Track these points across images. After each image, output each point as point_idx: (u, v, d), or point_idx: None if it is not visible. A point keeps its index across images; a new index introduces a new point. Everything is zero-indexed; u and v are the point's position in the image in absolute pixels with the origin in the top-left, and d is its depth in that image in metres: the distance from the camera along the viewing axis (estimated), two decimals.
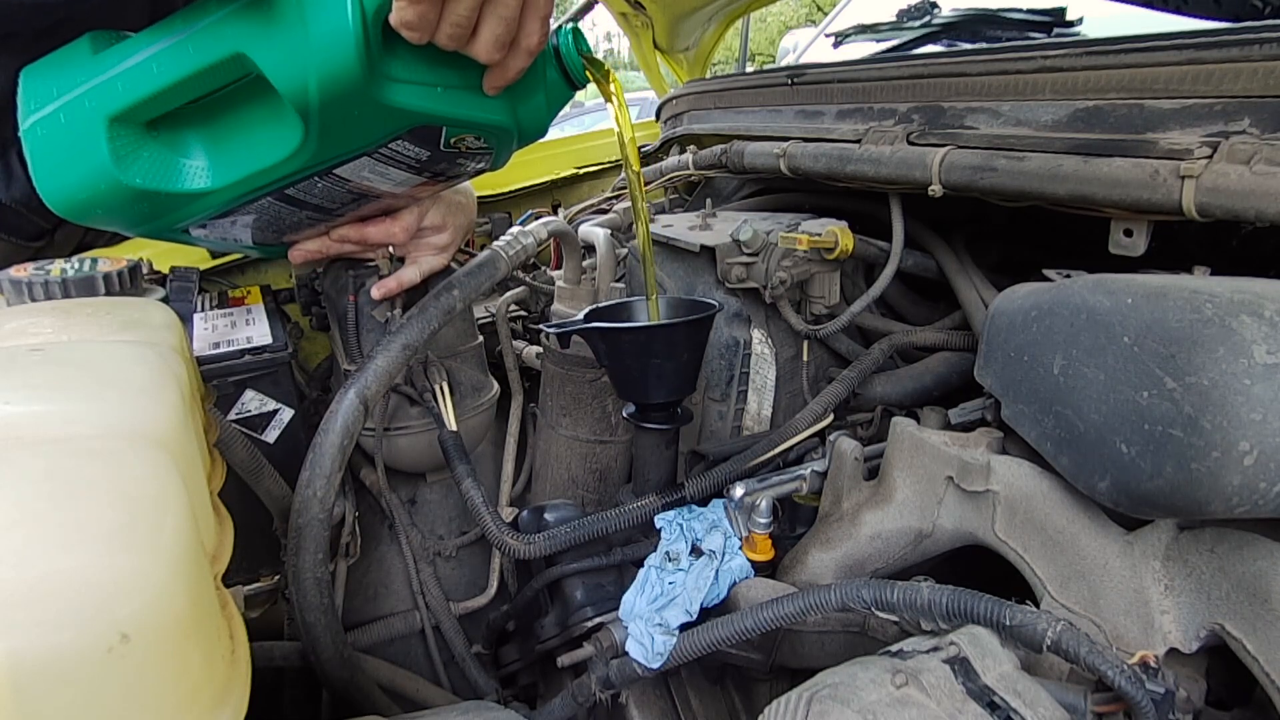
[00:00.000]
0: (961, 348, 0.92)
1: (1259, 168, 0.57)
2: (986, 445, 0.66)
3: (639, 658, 0.67)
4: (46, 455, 0.35)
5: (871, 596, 0.56)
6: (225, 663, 0.36)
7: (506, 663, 1.02)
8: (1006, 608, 0.51)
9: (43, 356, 0.44)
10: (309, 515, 0.74)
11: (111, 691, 0.29)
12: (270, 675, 0.96)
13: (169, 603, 0.31)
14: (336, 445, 0.75)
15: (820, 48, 2.24)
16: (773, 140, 1.07)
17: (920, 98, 0.91)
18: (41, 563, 0.29)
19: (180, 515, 0.33)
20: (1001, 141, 0.77)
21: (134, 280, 0.61)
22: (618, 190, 1.55)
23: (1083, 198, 0.68)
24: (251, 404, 0.94)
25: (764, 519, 0.76)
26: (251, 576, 0.96)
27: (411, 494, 1.14)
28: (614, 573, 0.84)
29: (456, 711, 0.60)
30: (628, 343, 0.77)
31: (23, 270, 0.58)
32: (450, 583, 1.13)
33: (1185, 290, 0.50)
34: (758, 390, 0.99)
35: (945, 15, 1.69)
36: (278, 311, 1.04)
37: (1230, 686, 0.55)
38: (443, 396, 0.95)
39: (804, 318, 0.97)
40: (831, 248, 0.90)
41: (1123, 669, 0.46)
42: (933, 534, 0.68)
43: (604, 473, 1.08)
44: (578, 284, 1.18)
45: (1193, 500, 0.47)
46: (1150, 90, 0.68)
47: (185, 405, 0.44)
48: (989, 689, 0.47)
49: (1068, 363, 0.56)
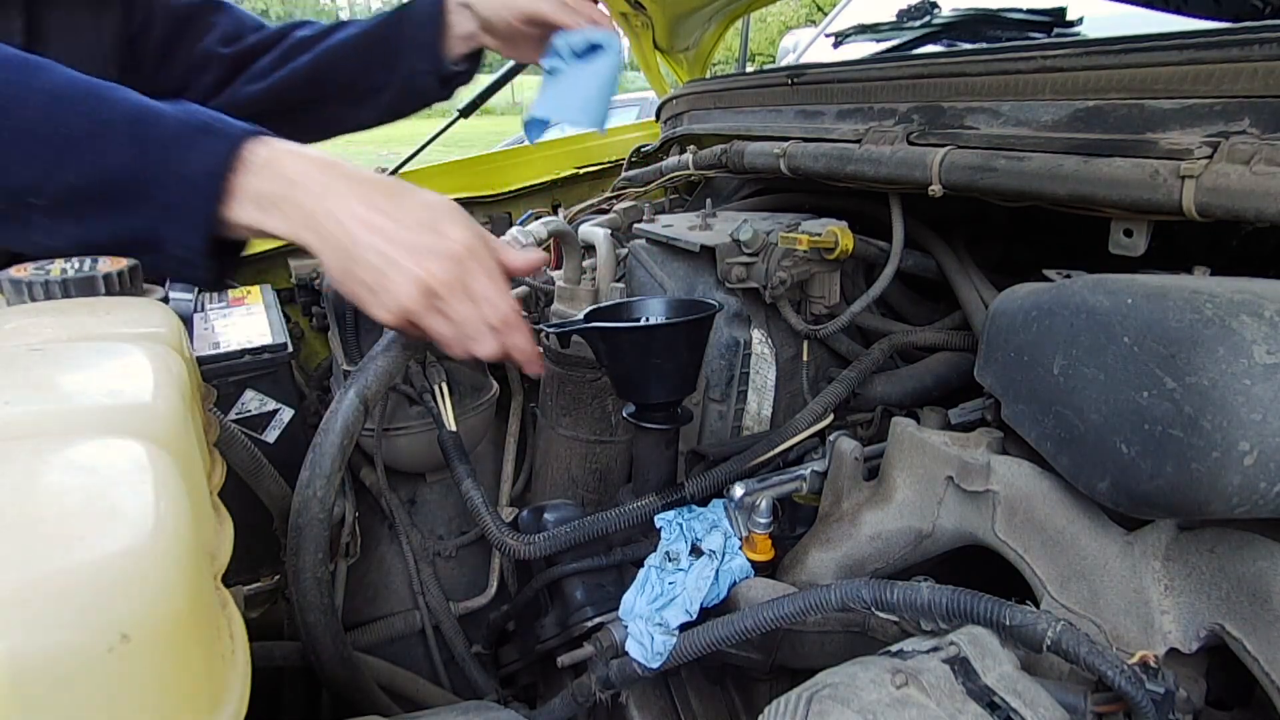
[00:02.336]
0: (961, 348, 0.92)
1: (1259, 168, 0.57)
2: (986, 445, 0.66)
3: (639, 658, 0.67)
4: (46, 455, 0.35)
5: (871, 596, 0.56)
6: (225, 663, 0.36)
7: (506, 663, 1.03)
8: (1006, 608, 0.51)
9: (43, 356, 0.44)
10: (309, 515, 0.74)
11: (111, 691, 0.29)
12: (270, 675, 0.96)
13: (169, 603, 0.31)
14: (336, 445, 0.75)
15: (820, 48, 2.24)
16: (773, 140, 1.07)
17: (920, 98, 0.91)
18: (41, 563, 0.29)
19: (180, 515, 0.33)
20: (1001, 141, 0.77)
21: (134, 280, 0.61)
22: (618, 190, 1.55)
23: (1083, 198, 0.68)
24: (251, 404, 0.94)
25: (764, 519, 0.76)
26: (251, 576, 0.96)
27: (411, 494, 1.14)
28: (614, 573, 0.84)
29: (456, 711, 0.60)
30: (628, 343, 0.77)
31: (23, 270, 0.58)
32: (450, 583, 1.13)
33: (1185, 290, 0.50)
34: (758, 390, 0.99)
35: (945, 15, 1.69)
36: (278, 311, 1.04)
37: (1230, 686, 0.55)
38: (442, 397, 0.95)
39: (804, 318, 0.97)
40: (831, 248, 0.90)
41: (1123, 669, 0.46)
42: (933, 534, 0.68)
43: (604, 473, 1.08)
44: (578, 284, 1.18)
45: (1193, 500, 0.47)
46: (1150, 90, 0.68)
47: (185, 405, 0.44)
48: (989, 689, 0.47)
49: (1068, 363, 0.56)
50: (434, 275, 0.67)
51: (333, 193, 0.68)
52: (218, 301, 1.06)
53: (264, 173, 0.68)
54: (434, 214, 0.69)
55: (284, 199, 0.68)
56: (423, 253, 0.67)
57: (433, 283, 0.67)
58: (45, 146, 0.64)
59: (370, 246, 0.67)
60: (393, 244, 0.67)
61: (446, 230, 0.68)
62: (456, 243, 0.68)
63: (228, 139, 0.67)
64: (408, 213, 0.68)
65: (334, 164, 0.70)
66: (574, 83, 0.94)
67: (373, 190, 0.68)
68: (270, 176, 0.68)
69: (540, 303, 1.33)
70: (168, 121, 0.67)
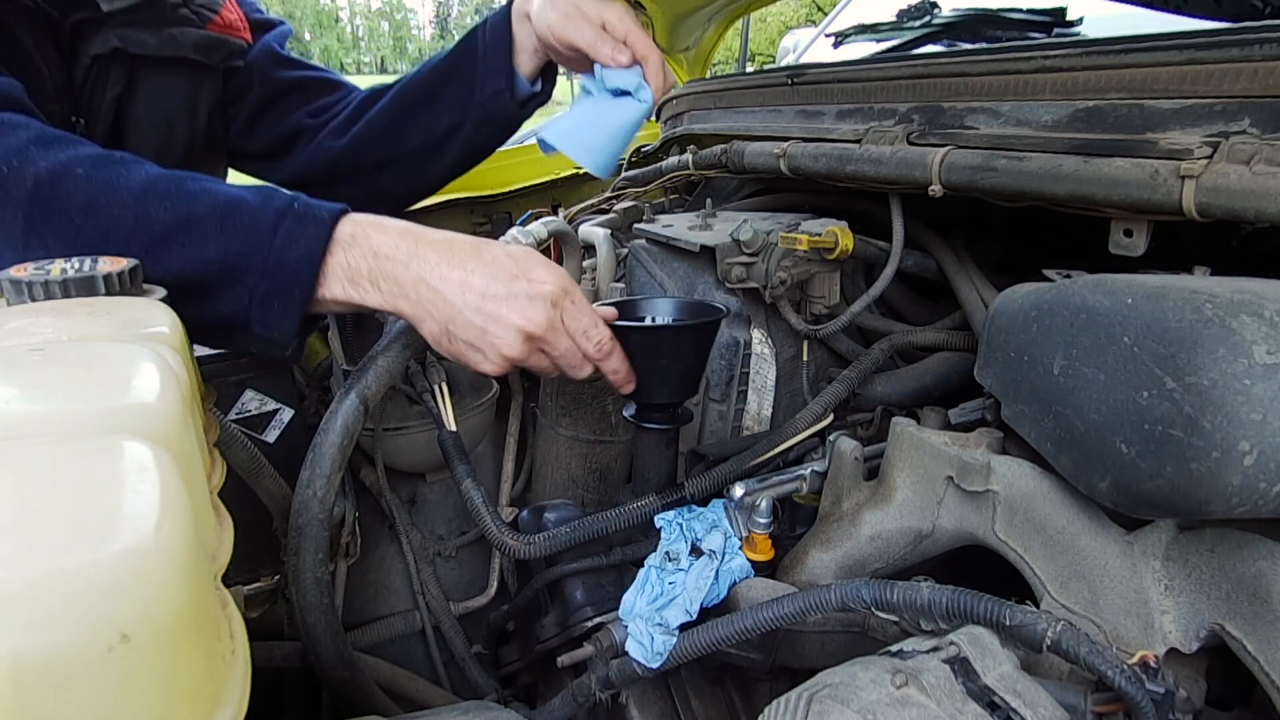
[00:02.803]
0: (961, 348, 0.92)
1: (1259, 168, 0.57)
2: (986, 445, 0.66)
3: (639, 658, 0.67)
4: (46, 455, 0.35)
5: (871, 596, 0.56)
6: (225, 663, 0.36)
7: (506, 663, 1.02)
8: (1006, 608, 0.51)
9: (43, 356, 0.44)
10: (309, 515, 0.74)
11: (111, 691, 0.29)
12: (270, 675, 0.96)
13: (169, 603, 0.31)
14: (336, 445, 0.75)
15: (820, 48, 2.25)
16: (773, 140, 1.07)
17: (920, 98, 0.91)
18: (41, 563, 0.29)
19: (180, 515, 0.33)
20: (1001, 141, 0.77)
21: (134, 280, 0.61)
22: (618, 190, 1.55)
23: (1083, 198, 0.68)
24: (251, 404, 0.94)
25: (764, 519, 0.76)
26: (251, 576, 0.96)
27: (411, 494, 1.14)
28: (614, 573, 0.84)
29: (456, 711, 0.60)
30: (637, 342, 0.77)
31: (23, 270, 0.58)
32: (450, 583, 1.13)
33: (1185, 290, 0.50)
34: (758, 390, 0.99)
35: (945, 15, 1.69)
36: None
37: (1230, 686, 0.55)
38: (442, 397, 0.95)
39: (804, 318, 0.97)
40: (831, 248, 0.90)
41: (1123, 669, 0.46)
42: (933, 534, 0.68)
43: (604, 473, 1.08)
44: (577, 284, 1.18)
45: (1193, 500, 0.47)
46: (1150, 90, 0.68)
47: (185, 405, 0.44)
48: (989, 689, 0.47)
49: (1068, 363, 0.56)
50: (533, 321, 0.69)
51: (420, 260, 0.69)
52: None
53: (353, 250, 0.69)
54: (520, 264, 0.71)
55: (375, 273, 0.69)
56: (520, 301, 0.69)
57: (533, 329, 0.69)
58: (135, 244, 0.65)
59: (468, 306, 0.69)
60: (489, 300, 0.69)
61: (536, 275, 0.70)
62: (548, 284, 0.70)
63: (319, 223, 0.69)
64: (497, 266, 0.70)
65: (417, 231, 0.72)
66: (595, 117, 0.92)
67: (458, 252, 0.70)
68: (360, 254, 0.69)
69: None
70: (252, 209, 0.68)
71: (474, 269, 0.69)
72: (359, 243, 0.69)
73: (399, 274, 0.69)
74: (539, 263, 0.72)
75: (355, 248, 0.69)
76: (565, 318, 0.72)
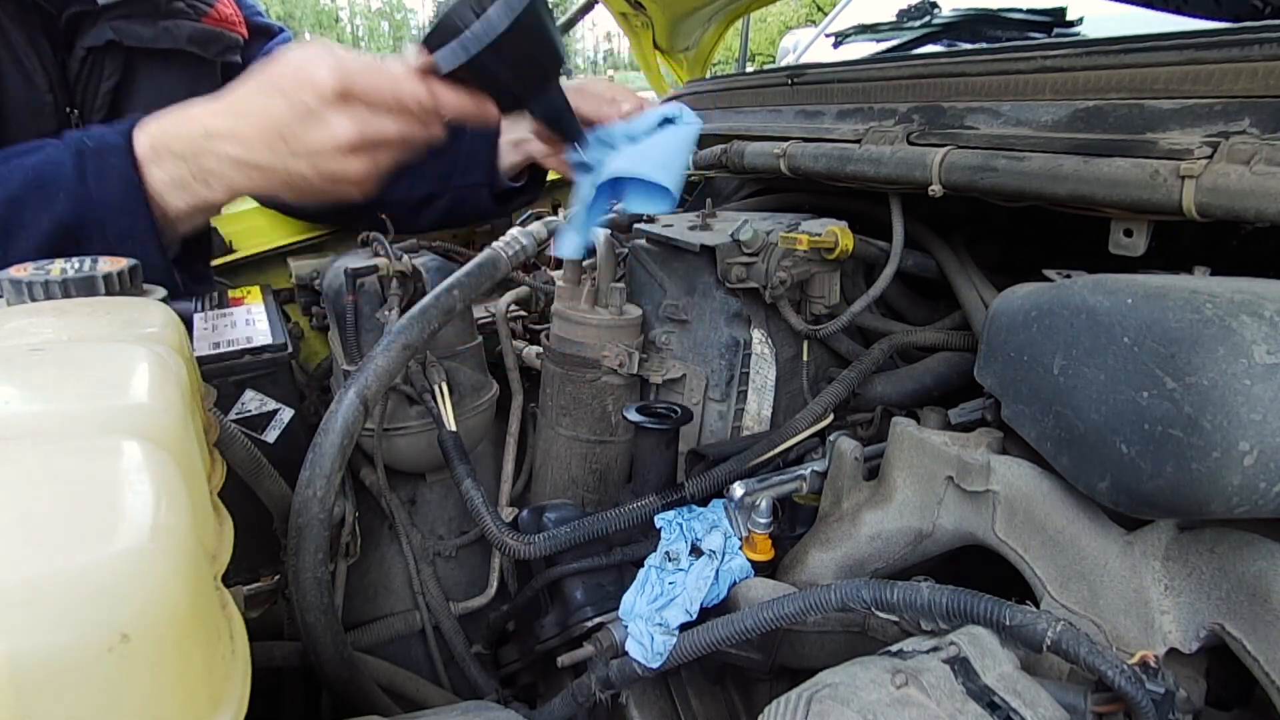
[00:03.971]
0: (961, 348, 0.92)
1: (1259, 168, 0.57)
2: (986, 445, 0.66)
3: (639, 658, 0.67)
4: (46, 455, 0.35)
5: (871, 596, 0.56)
6: (225, 663, 0.36)
7: (506, 663, 1.02)
8: (1006, 608, 0.51)
9: (43, 356, 0.44)
10: (309, 515, 0.74)
11: (111, 691, 0.29)
12: (270, 675, 0.96)
13: (169, 602, 0.31)
14: (336, 445, 0.75)
15: (820, 48, 2.25)
16: (773, 140, 1.07)
17: (920, 98, 0.91)
18: (41, 563, 0.29)
19: (180, 515, 0.33)
20: (1001, 141, 0.77)
21: (134, 280, 0.61)
22: None
23: (1083, 198, 0.68)
24: (251, 404, 0.94)
25: (764, 519, 0.76)
26: (251, 576, 0.96)
27: (411, 494, 1.14)
28: (614, 573, 0.84)
29: (456, 711, 0.60)
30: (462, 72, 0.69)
31: (23, 270, 0.58)
32: (450, 583, 1.13)
33: (1185, 290, 0.50)
34: (758, 390, 0.99)
35: (945, 15, 1.69)
36: (278, 311, 1.04)
37: (1230, 686, 0.55)
38: (442, 397, 0.95)
39: (804, 318, 0.97)
40: (831, 248, 0.90)
41: (1123, 669, 0.46)
42: (933, 534, 0.68)
43: (604, 473, 1.08)
44: (577, 284, 1.18)
45: (1193, 500, 0.47)
46: (1150, 90, 0.68)
47: (185, 405, 0.44)
48: (989, 689, 0.47)
49: (1067, 363, 0.56)
50: (343, 134, 0.67)
51: (217, 140, 0.68)
52: (218, 301, 1.06)
53: (164, 162, 0.69)
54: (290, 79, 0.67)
55: (193, 174, 0.69)
56: (314, 123, 0.66)
57: (346, 138, 0.67)
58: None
59: (286, 158, 0.67)
60: (295, 140, 0.67)
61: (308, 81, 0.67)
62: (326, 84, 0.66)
63: (116, 150, 0.69)
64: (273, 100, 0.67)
65: (195, 113, 0.70)
66: (646, 147, 0.85)
67: (240, 109, 0.68)
68: (170, 163, 0.69)
69: (540, 303, 1.33)
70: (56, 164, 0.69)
71: (259, 118, 0.66)
72: (160, 154, 0.68)
73: (212, 166, 0.67)
74: (300, 64, 0.67)
75: (162, 160, 0.68)
76: (365, 101, 0.67)
